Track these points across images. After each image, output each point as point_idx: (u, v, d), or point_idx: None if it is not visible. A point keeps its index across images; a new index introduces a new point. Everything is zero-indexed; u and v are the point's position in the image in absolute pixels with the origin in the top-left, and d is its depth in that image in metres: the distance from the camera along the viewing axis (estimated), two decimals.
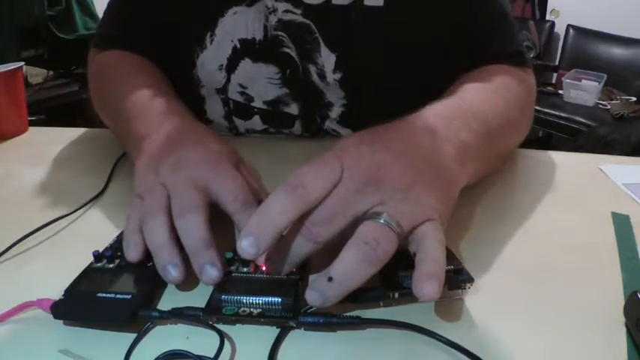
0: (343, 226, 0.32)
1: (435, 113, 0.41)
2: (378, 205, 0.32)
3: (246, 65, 0.60)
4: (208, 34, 0.59)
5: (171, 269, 0.33)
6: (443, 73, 0.57)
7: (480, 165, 0.43)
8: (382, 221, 0.31)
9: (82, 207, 0.47)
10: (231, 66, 0.61)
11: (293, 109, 0.63)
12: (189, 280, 0.36)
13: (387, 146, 0.36)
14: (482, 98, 0.48)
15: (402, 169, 0.34)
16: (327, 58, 0.58)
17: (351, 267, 0.30)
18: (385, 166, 0.34)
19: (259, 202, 0.37)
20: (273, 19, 0.58)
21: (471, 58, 0.57)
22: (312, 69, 0.59)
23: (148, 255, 0.35)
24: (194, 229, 0.34)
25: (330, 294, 0.30)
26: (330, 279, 0.29)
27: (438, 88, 0.52)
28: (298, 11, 0.57)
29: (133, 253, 0.35)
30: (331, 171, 0.33)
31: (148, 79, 0.57)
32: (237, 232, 0.39)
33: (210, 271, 0.33)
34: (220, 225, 0.44)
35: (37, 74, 2.39)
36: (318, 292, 0.30)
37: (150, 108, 0.49)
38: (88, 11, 2.35)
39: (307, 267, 0.35)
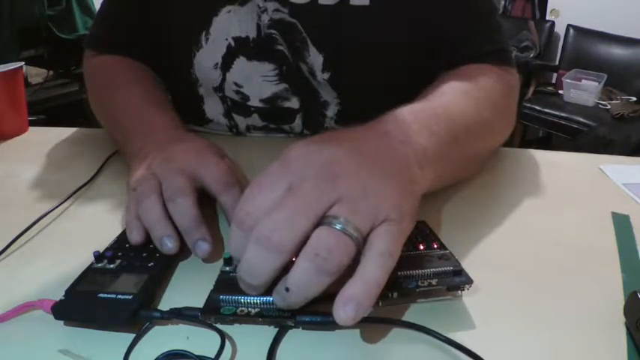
0: (306, 230, 0.29)
1: (394, 118, 0.40)
2: (336, 204, 0.30)
3: (240, 63, 0.61)
4: (203, 34, 0.60)
5: (166, 240, 0.37)
6: (428, 72, 0.57)
7: (444, 168, 0.41)
8: (338, 227, 0.29)
9: (70, 196, 0.48)
10: (226, 64, 0.61)
11: (294, 102, 0.63)
12: (190, 281, 0.37)
13: (338, 144, 0.33)
14: (450, 100, 0.48)
15: (356, 165, 0.32)
16: (316, 58, 0.59)
17: (304, 279, 0.28)
18: (338, 162, 0.32)
19: (242, 190, 0.40)
20: (265, 18, 0.58)
21: (451, 57, 0.57)
22: (304, 67, 0.60)
23: (149, 255, 0.37)
24: (185, 210, 0.38)
25: (290, 301, 0.29)
26: (286, 289, 0.29)
27: (424, 87, 0.52)
28: (285, 10, 0.57)
29: (135, 236, 0.38)
30: (277, 187, 0.31)
31: (141, 88, 0.60)
32: (222, 213, 0.44)
33: (203, 246, 0.37)
34: (217, 228, 0.44)
35: (37, 74, 2.39)
36: (279, 297, 0.30)
37: (142, 122, 0.53)
38: (88, 11, 2.36)
39: None
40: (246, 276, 0.30)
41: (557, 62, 2.98)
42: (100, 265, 0.35)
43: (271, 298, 0.31)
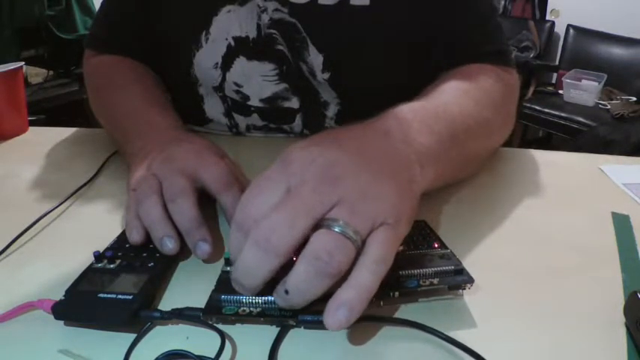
0: (305, 232, 0.29)
1: (395, 116, 0.40)
2: (335, 206, 0.30)
3: (240, 63, 0.61)
4: (203, 33, 0.60)
5: (167, 241, 0.37)
6: (428, 72, 0.57)
7: (444, 167, 0.41)
8: (337, 230, 0.29)
9: (70, 196, 0.48)
10: (226, 64, 0.61)
11: (294, 102, 0.63)
12: (190, 281, 0.37)
13: (338, 145, 0.34)
14: (450, 99, 0.47)
15: (356, 167, 0.32)
16: (316, 58, 0.58)
17: (304, 282, 0.28)
18: (338, 164, 0.32)
19: (242, 190, 0.40)
20: (265, 18, 0.58)
21: (451, 57, 0.57)
22: (304, 67, 0.60)
23: (149, 255, 0.37)
24: (185, 210, 0.38)
25: (292, 303, 0.29)
26: (286, 291, 0.29)
27: (424, 87, 0.52)
28: (285, 10, 0.57)
29: (135, 236, 0.38)
30: (277, 189, 0.31)
31: (142, 89, 0.60)
32: (222, 213, 0.44)
33: (204, 247, 0.37)
34: (217, 227, 0.44)
35: (37, 74, 2.39)
36: (279, 299, 0.30)
37: (142, 122, 0.53)
38: (88, 11, 2.36)
39: None
40: (241, 277, 0.30)
41: (557, 62, 2.98)
42: (100, 265, 0.35)
43: (273, 298, 0.31)
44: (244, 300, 0.31)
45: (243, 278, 0.30)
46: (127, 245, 0.38)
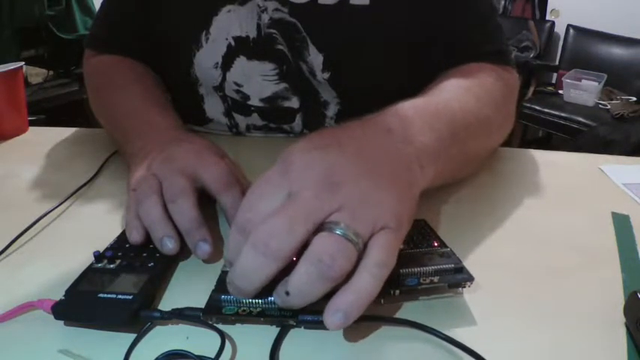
0: (304, 237, 0.29)
1: (397, 113, 0.40)
2: (336, 212, 0.30)
3: (240, 63, 0.61)
4: (203, 33, 0.60)
5: (166, 241, 0.37)
6: (429, 72, 0.57)
7: (444, 166, 0.41)
8: (339, 232, 0.29)
9: (70, 196, 0.49)
10: (226, 64, 0.61)
11: (294, 102, 0.63)
12: (190, 281, 0.37)
13: (339, 148, 0.33)
14: (451, 95, 0.47)
15: (357, 172, 0.32)
16: (316, 58, 0.59)
17: (305, 284, 0.28)
18: (338, 169, 0.32)
19: (242, 190, 0.42)
20: (265, 18, 0.58)
21: (451, 57, 0.57)
22: (304, 67, 0.60)
23: (149, 255, 0.37)
24: (185, 211, 0.38)
25: (292, 304, 0.29)
26: (287, 293, 0.29)
27: (424, 87, 0.52)
28: (285, 10, 0.57)
29: (135, 236, 0.38)
30: (277, 194, 0.31)
31: (142, 89, 0.60)
32: (222, 214, 0.44)
33: (204, 247, 0.37)
34: (217, 228, 0.44)
35: (37, 74, 2.39)
36: (280, 299, 0.30)
37: (142, 122, 0.53)
38: (88, 11, 2.36)
39: None
40: (238, 279, 0.30)
41: (557, 62, 2.98)
42: (100, 265, 0.35)
43: (273, 298, 0.31)
44: (244, 300, 0.31)
45: (240, 281, 0.30)
46: (127, 245, 0.38)
